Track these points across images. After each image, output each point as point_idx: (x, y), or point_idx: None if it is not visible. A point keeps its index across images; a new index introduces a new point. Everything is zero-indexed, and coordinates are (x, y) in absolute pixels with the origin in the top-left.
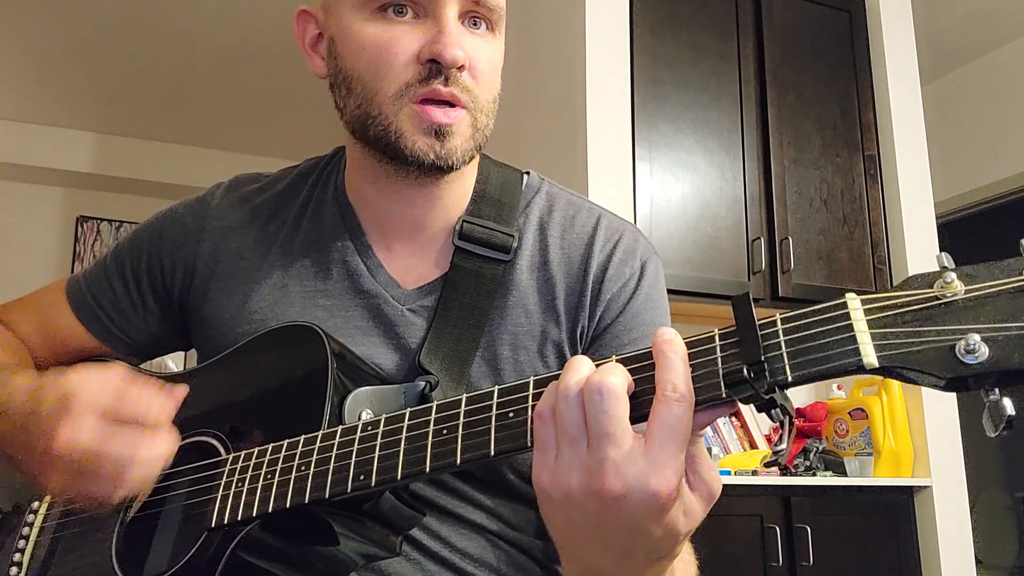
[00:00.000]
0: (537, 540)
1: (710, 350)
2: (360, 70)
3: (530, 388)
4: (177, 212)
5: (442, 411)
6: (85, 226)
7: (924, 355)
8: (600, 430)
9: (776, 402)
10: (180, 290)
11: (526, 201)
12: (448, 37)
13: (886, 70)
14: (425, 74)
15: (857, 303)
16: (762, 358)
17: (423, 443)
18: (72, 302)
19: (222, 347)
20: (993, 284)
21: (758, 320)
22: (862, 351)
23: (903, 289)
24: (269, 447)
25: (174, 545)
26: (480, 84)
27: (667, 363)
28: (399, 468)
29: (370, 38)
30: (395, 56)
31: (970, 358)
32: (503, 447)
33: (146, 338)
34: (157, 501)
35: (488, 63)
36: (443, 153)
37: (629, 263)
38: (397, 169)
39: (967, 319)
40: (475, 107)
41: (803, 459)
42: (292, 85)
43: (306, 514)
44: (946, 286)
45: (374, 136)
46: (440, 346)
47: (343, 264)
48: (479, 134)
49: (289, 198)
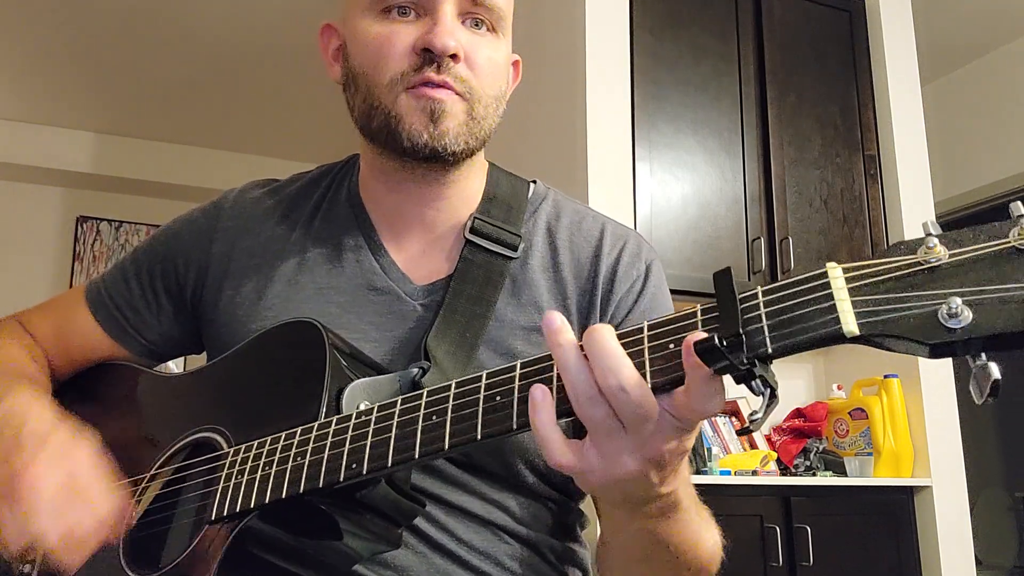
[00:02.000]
0: (545, 536)
1: (692, 325)
2: (364, 65)
3: (516, 370)
4: (192, 215)
5: (432, 396)
6: (85, 226)
7: (907, 322)
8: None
9: (755, 373)
10: (193, 290)
11: (533, 207)
12: (440, 27)
13: (886, 70)
14: (419, 63)
15: (838, 272)
16: (740, 331)
17: (413, 428)
18: (90, 302)
19: (235, 344)
20: (976, 248)
21: (741, 293)
22: (842, 319)
23: (887, 256)
24: (268, 439)
25: (177, 539)
26: (478, 76)
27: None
28: (389, 455)
29: (372, 35)
30: (392, 48)
31: (953, 322)
32: (490, 430)
33: (159, 338)
34: (163, 496)
35: (488, 60)
36: (436, 133)
37: (636, 265)
38: (402, 164)
39: (950, 284)
40: (472, 96)
41: (803, 459)
42: (293, 85)
43: (306, 506)
44: (929, 251)
45: (377, 127)
46: (447, 332)
47: (356, 261)
48: (476, 125)
49: (302, 199)
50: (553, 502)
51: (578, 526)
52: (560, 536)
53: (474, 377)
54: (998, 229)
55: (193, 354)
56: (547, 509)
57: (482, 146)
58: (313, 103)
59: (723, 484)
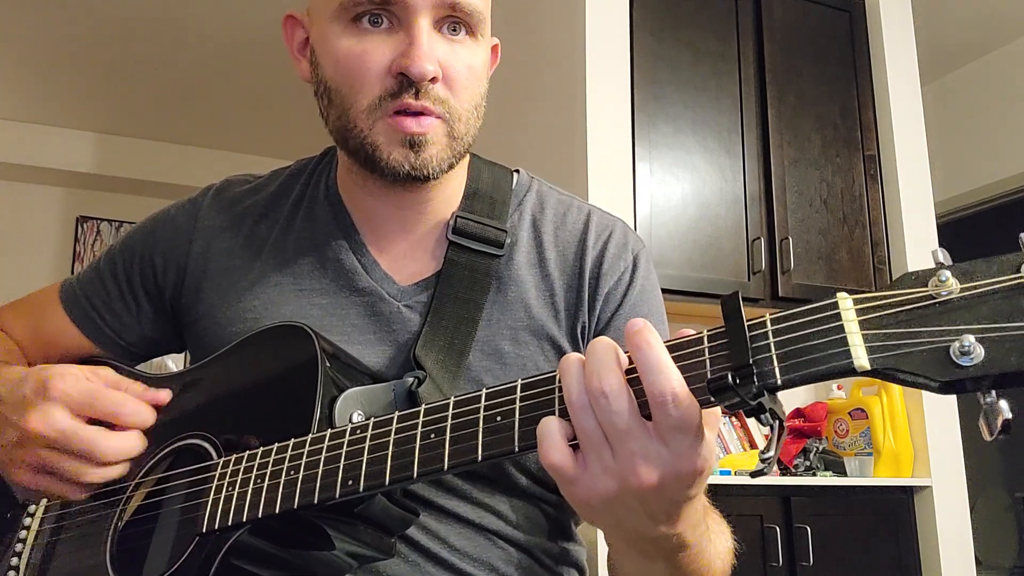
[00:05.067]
0: (539, 539)
1: (698, 352)
2: (337, 82)
3: (517, 391)
4: (169, 213)
5: (430, 415)
6: (85, 226)
7: (917, 357)
8: (617, 430)
9: (764, 407)
10: (172, 289)
11: (518, 199)
12: (418, 51)
13: (886, 70)
14: (396, 87)
15: (849, 303)
16: (750, 361)
17: (411, 447)
18: (65, 303)
19: (216, 346)
20: (989, 282)
21: (748, 320)
22: (853, 353)
23: (897, 288)
24: (259, 451)
25: (167, 550)
26: (457, 93)
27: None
28: (387, 474)
29: (344, 50)
30: (367, 69)
31: (965, 360)
32: (490, 452)
33: (138, 339)
34: (150, 505)
35: (468, 70)
36: (418, 164)
37: (623, 257)
38: (382, 178)
39: (962, 319)
40: (451, 116)
41: (803, 459)
42: (293, 85)
43: (297, 518)
44: (940, 284)
45: (353, 148)
46: (435, 339)
47: (337, 262)
48: (457, 143)
49: (281, 198)
50: (546, 503)
51: (572, 524)
52: (554, 538)
53: (474, 396)
54: (1010, 261)
55: (175, 353)
56: (540, 511)
57: (465, 155)
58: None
59: (723, 484)
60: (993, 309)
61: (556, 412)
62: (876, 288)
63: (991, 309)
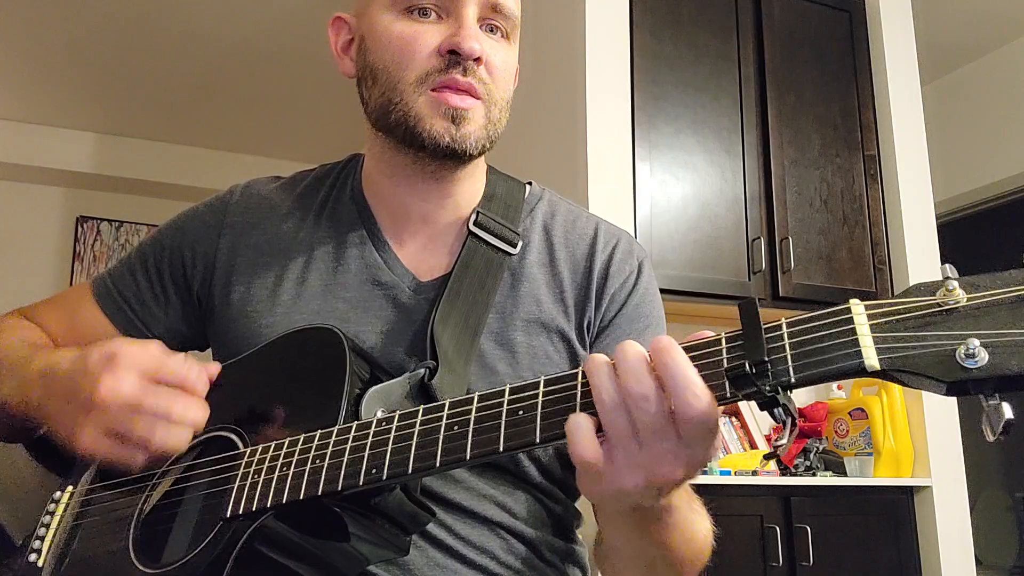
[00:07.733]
0: (543, 534)
1: (716, 351)
2: (386, 61)
3: (540, 387)
4: (198, 210)
5: (454, 408)
6: (85, 226)
7: (925, 359)
8: (652, 430)
9: (779, 401)
10: (201, 283)
11: (530, 207)
12: (467, 31)
13: (886, 70)
14: (445, 64)
15: (861, 308)
16: (766, 358)
17: (435, 437)
18: (97, 296)
19: (244, 339)
20: (995, 293)
21: (764, 323)
22: (864, 353)
23: (907, 296)
24: (286, 440)
25: (190, 534)
26: (495, 80)
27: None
28: (410, 462)
29: (396, 33)
30: (418, 48)
31: (970, 362)
32: (512, 443)
33: (166, 331)
34: (175, 491)
35: (503, 64)
36: (458, 136)
37: (628, 262)
38: (415, 159)
39: (968, 326)
40: (489, 100)
41: (803, 459)
42: (293, 86)
43: (319, 509)
44: (948, 294)
45: (395, 122)
46: (450, 315)
47: (361, 258)
48: (492, 127)
49: (307, 198)
50: (551, 499)
51: (574, 525)
52: (558, 535)
53: (497, 391)
54: (1015, 276)
55: (197, 350)
56: (544, 507)
57: (492, 147)
58: (313, 104)
59: (723, 484)
60: (997, 318)
61: (577, 408)
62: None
63: (995, 318)
